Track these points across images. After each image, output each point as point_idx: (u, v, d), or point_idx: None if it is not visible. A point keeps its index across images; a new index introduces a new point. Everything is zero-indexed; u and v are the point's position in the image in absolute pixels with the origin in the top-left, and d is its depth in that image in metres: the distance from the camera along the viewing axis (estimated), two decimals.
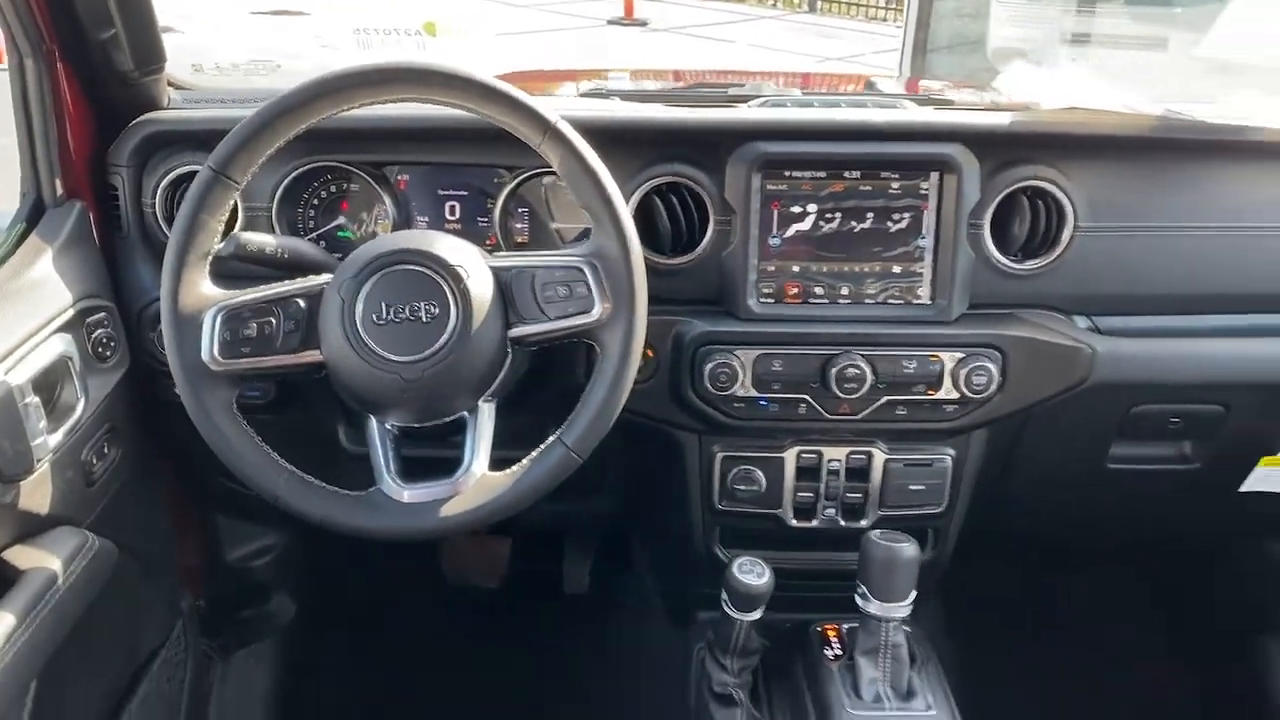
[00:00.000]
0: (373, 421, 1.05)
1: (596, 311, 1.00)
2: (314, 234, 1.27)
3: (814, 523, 1.30)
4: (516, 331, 1.02)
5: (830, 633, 1.31)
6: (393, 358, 0.98)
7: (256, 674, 1.63)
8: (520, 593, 1.83)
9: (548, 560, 1.88)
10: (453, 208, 1.27)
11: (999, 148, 1.19)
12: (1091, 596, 1.80)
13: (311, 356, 1.02)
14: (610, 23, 11.06)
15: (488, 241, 1.26)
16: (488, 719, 1.07)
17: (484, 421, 1.04)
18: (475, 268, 1.01)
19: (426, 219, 1.27)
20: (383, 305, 0.99)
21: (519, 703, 1.60)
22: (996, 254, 1.21)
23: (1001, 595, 1.79)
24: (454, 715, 1.07)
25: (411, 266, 1.00)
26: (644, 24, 10.96)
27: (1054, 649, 1.78)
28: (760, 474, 1.28)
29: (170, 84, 1.27)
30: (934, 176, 1.18)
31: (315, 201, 1.27)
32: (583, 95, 1.38)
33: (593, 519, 1.59)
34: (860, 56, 9.41)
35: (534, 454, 1.02)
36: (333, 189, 1.26)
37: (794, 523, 1.30)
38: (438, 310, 0.99)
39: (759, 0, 12.89)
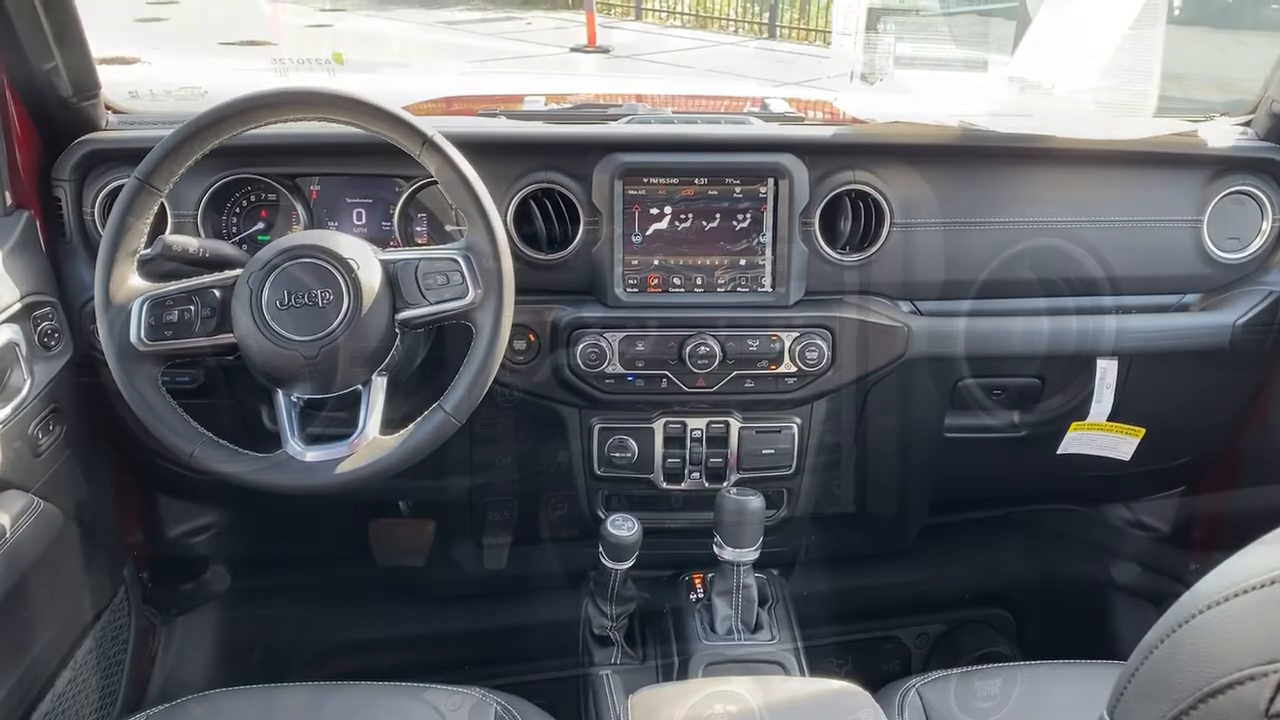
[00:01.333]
0: (280, 394, 1.22)
1: (470, 296, 1.18)
2: (237, 238, 1.43)
3: (682, 485, 1.48)
4: (403, 314, 1.20)
5: (697, 580, 1.49)
6: (294, 337, 1.16)
7: (197, 638, 1.78)
8: (444, 569, 1.99)
9: (470, 540, 2.04)
10: (359, 214, 1.44)
11: (824, 156, 1.38)
12: (953, 554, 1.98)
13: (225, 339, 1.19)
14: (573, 50, 11.30)
15: (391, 243, 1.43)
16: (410, 672, 1.24)
17: (377, 393, 1.21)
18: (366, 260, 1.19)
19: (336, 224, 1.43)
20: (285, 293, 1.16)
21: (436, 655, 1.76)
22: (826, 248, 1.40)
23: (877, 555, 1.98)
24: (380, 671, 1.24)
25: (310, 259, 1.18)
26: (606, 51, 11.19)
27: (919, 593, 1.97)
28: (633, 442, 1.46)
29: (109, 108, 1.44)
30: (770, 182, 1.37)
31: (238, 209, 1.43)
32: (480, 115, 1.56)
33: (501, 491, 1.77)
34: (816, 80, 9.67)
35: (418, 420, 1.19)
36: (253, 198, 1.43)
37: (665, 485, 1.48)
38: (332, 296, 1.16)
39: (720, 27, 13.24)
